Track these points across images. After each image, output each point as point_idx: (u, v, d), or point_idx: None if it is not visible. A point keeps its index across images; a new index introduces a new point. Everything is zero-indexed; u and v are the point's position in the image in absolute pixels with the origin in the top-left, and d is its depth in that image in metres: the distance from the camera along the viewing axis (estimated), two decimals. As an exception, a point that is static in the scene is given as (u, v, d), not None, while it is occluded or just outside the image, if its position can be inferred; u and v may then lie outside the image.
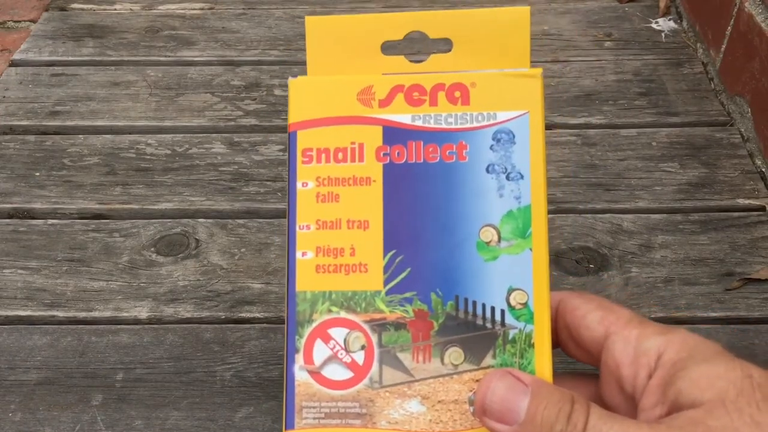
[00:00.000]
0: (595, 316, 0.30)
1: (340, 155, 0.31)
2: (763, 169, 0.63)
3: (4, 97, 0.72)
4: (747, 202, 0.60)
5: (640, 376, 0.28)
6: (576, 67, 0.75)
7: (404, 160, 0.31)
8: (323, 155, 0.31)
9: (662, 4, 0.83)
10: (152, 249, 0.57)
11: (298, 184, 0.31)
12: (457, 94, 0.31)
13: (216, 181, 0.63)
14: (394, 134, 0.31)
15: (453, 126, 0.31)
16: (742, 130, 0.67)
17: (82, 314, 0.53)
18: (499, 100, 0.30)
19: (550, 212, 0.60)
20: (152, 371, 0.49)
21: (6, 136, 0.68)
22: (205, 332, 0.52)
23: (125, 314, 0.53)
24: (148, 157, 0.66)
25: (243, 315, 0.53)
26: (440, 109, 0.31)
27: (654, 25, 0.81)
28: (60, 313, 0.53)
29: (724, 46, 0.71)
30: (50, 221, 0.60)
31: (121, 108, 0.71)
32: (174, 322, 0.52)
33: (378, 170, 0.31)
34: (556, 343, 0.32)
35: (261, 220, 0.60)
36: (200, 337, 0.51)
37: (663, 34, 0.79)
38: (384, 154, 0.31)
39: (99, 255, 0.57)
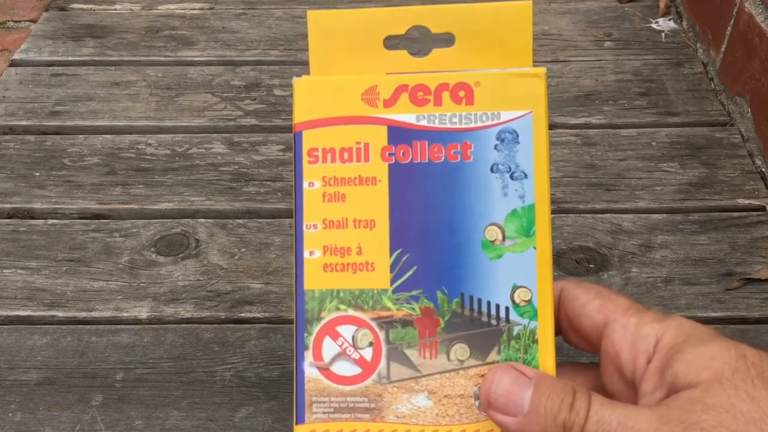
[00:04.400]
0: (595, 305, 0.31)
1: (345, 155, 0.31)
2: (763, 169, 0.63)
3: (4, 97, 0.72)
4: (747, 202, 0.60)
5: (639, 362, 0.29)
6: (576, 67, 0.75)
7: (409, 159, 0.31)
8: (329, 155, 0.31)
9: (662, 4, 0.83)
10: (152, 249, 0.57)
11: (305, 184, 0.31)
12: (462, 93, 0.31)
13: (216, 181, 0.63)
14: (399, 134, 0.31)
15: (457, 126, 0.31)
16: (742, 130, 0.67)
17: (82, 314, 0.53)
18: (503, 99, 0.31)
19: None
20: (152, 371, 0.49)
21: (6, 136, 0.68)
22: (205, 332, 0.52)
23: (125, 314, 0.53)
24: (148, 157, 0.66)
25: (243, 315, 0.53)
26: (445, 108, 0.31)
27: (654, 25, 0.81)
28: (60, 313, 0.53)
29: (724, 46, 0.71)
30: (50, 221, 0.60)
31: (121, 108, 0.71)
32: (174, 322, 0.52)
33: (383, 170, 0.31)
34: (558, 332, 0.32)
35: (261, 220, 0.60)
36: (200, 337, 0.51)
37: (663, 34, 0.80)
38: (389, 154, 0.31)
39: (99, 255, 0.57)
